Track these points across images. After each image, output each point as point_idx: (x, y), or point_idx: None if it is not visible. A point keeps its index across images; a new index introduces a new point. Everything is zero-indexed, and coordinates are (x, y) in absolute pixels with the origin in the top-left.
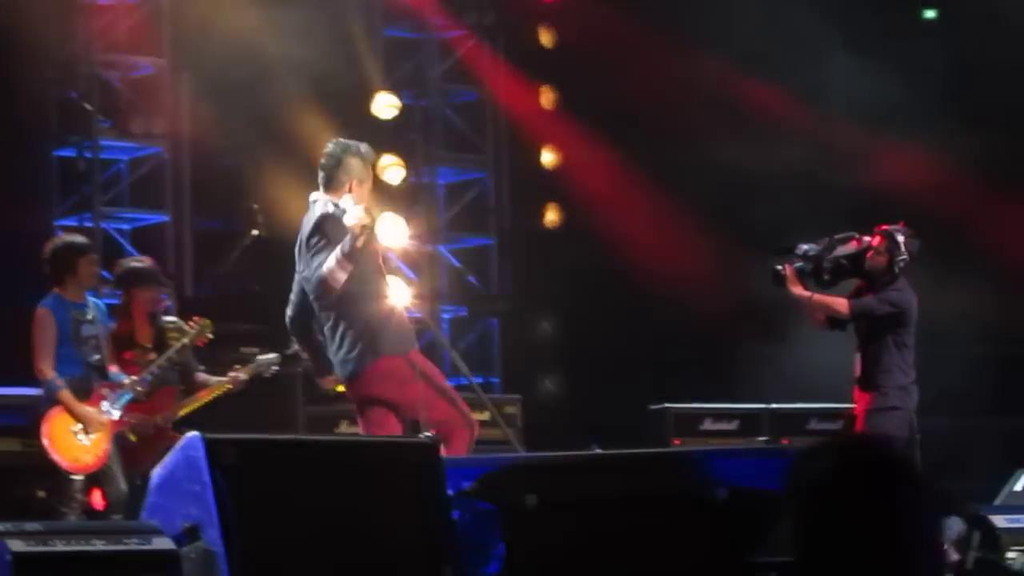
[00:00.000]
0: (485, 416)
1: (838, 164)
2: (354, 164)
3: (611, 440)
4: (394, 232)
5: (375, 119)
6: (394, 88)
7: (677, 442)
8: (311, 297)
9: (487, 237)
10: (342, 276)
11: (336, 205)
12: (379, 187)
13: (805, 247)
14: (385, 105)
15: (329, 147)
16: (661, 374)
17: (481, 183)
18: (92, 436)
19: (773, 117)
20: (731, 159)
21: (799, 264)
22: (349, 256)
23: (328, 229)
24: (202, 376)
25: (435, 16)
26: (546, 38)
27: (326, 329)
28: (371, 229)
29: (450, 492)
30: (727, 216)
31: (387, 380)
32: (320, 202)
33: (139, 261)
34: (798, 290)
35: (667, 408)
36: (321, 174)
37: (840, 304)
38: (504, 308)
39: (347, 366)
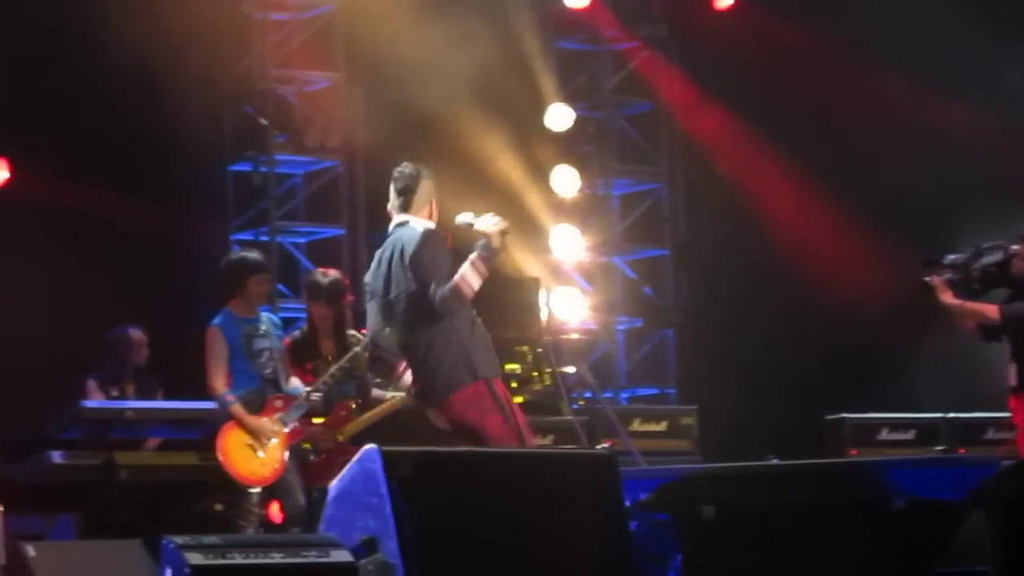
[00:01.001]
0: (662, 427)
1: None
2: (430, 186)
3: (787, 451)
4: (568, 244)
5: (549, 131)
6: (568, 100)
7: (854, 452)
8: (410, 316)
9: (662, 248)
10: (477, 285)
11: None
12: (553, 199)
13: (952, 257)
14: (559, 117)
15: (407, 170)
16: (837, 384)
17: (656, 194)
18: (267, 449)
19: (953, 130)
20: (906, 170)
21: (948, 275)
22: (487, 263)
23: (435, 246)
24: (377, 392)
25: (608, 28)
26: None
27: (421, 349)
28: (509, 234)
29: (627, 503)
30: (903, 227)
31: (469, 407)
32: (413, 221)
33: (322, 275)
34: (948, 299)
35: (844, 418)
36: (400, 198)
37: (990, 310)
38: (679, 319)
39: (439, 388)
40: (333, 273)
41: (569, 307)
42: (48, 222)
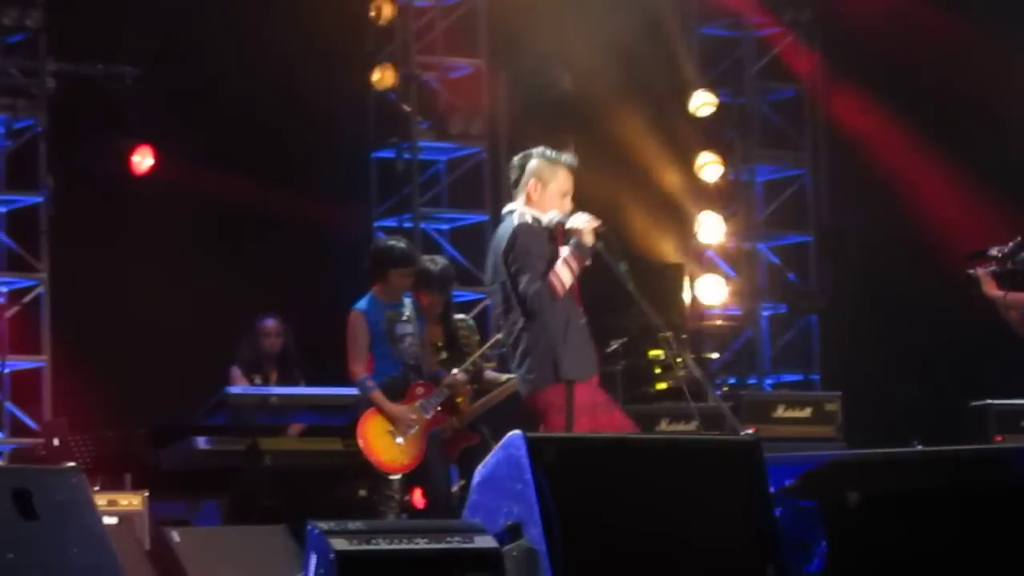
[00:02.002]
0: (806, 413)
1: None
2: (535, 165)
3: (931, 437)
4: (712, 230)
5: (692, 117)
6: (711, 86)
7: (999, 439)
8: (503, 307)
9: (806, 234)
10: (568, 282)
11: (533, 216)
12: (697, 185)
13: (996, 249)
14: (702, 103)
15: (516, 158)
16: (981, 370)
17: (800, 180)
18: (407, 436)
19: None
20: None
21: (992, 268)
22: (580, 261)
23: (526, 240)
24: (491, 374)
25: (752, 13)
26: None
27: (512, 340)
28: (603, 232)
29: (772, 489)
30: None
31: (544, 404)
32: (514, 213)
33: (431, 262)
34: (991, 290)
35: (988, 405)
36: (513, 188)
37: None
38: (823, 304)
39: (523, 384)
40: (442, 260)
41: (713, 293)
42: (193, 209)
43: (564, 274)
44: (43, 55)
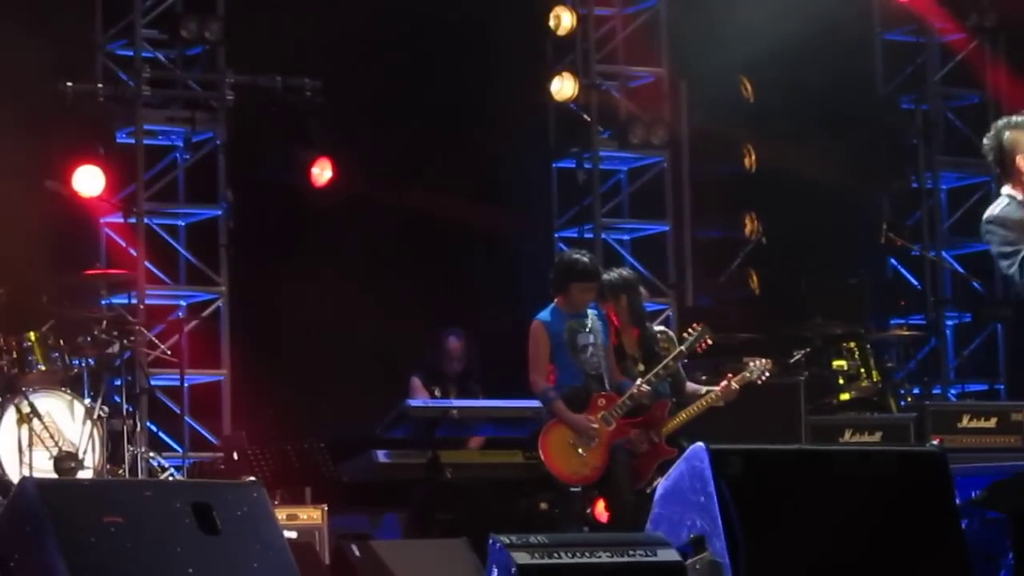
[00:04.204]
0: (991, 423)
1: None
2: (1013, 137)
3: None
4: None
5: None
6: (895, 92)
7: None
8: None
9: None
10: None
11: (1013, 198)
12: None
13: None
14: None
15: (984, 140)
16: None
17: (985, 187)
18: (589, 448)
19: None
20: None
21: None
22: None
23: (994, 230)
24: (692, 386)
25: (935, 19)
26: None
27: None
28: None
29: (959, 501)
30: None
31: None
32: (1000, 198)
33: (612, 272)
34: None
35: None
36: (996, 170)
37: None
38: (1009, 313)
39: None
40: (619, 269)
41: (892, 302)
42: (372, 221)
43: None
44: (222, 67)
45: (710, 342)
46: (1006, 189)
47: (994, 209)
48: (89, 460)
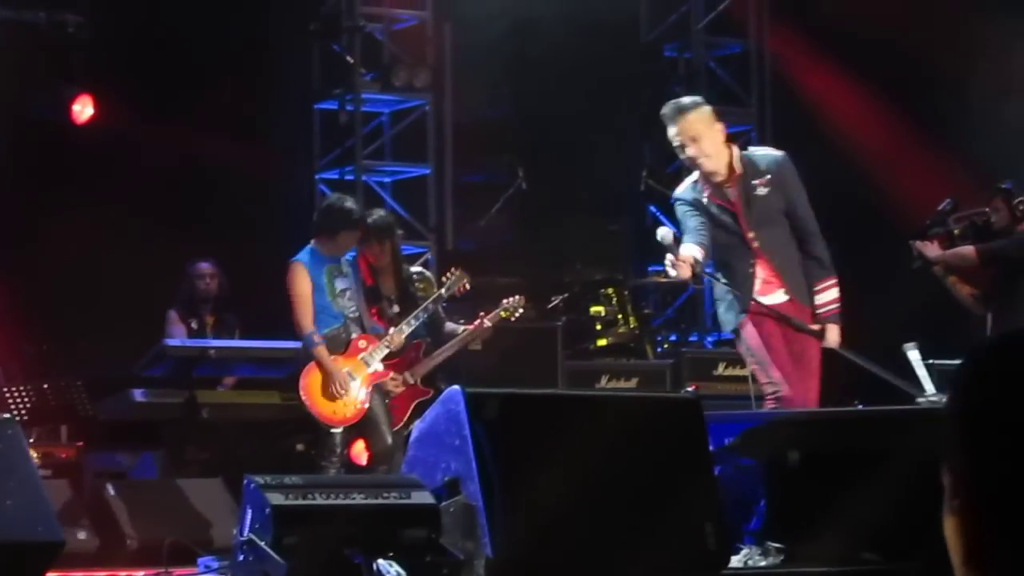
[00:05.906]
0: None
1: None
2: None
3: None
4: None
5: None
6: (658, 39)
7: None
8: None
9: None
10: None
11: None
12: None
13: (931, 219)
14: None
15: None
16: None
17: (746, 135)
18: (350, 388)
19: None
20: None
21: (934, 230)
22: None
23: None
24: (451, 326)
25: None
26: None
27: None
28: None
29: (713, 448)
30: None
31: None
32: None
33: (375, 214)
34: (933, 251)
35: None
36: None
37: (967, 251)
38: None
39: None
40: (380, 211)
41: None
42: (133, 160)
43: None
44: None
45: (468, 286)
46: None
47: None
48: None
